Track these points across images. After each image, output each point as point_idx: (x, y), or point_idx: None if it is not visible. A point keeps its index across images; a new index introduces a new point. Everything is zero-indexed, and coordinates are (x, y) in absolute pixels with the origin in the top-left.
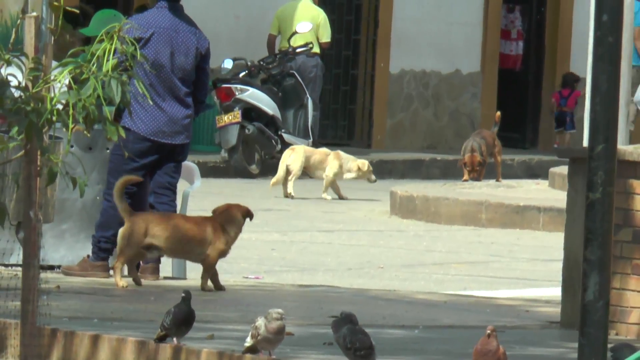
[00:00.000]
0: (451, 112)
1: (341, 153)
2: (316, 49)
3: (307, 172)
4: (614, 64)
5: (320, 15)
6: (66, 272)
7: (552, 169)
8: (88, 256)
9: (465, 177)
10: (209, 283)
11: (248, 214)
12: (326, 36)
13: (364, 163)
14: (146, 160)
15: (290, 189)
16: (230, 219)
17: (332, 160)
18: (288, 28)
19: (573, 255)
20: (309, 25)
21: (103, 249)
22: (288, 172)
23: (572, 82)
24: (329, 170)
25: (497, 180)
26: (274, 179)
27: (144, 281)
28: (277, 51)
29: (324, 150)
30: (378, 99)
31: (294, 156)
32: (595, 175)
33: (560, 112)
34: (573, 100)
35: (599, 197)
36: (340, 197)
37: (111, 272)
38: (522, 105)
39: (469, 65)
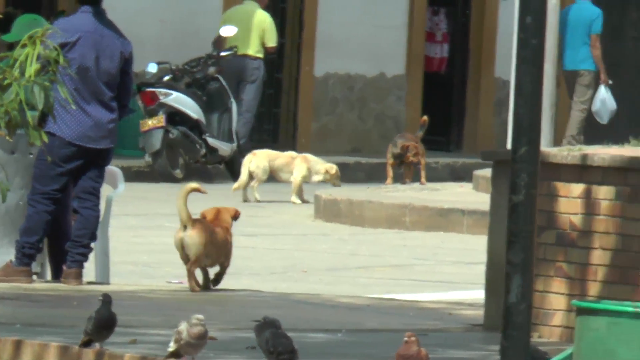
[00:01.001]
0: (376, 115)
1: (309, 156)
2: (260, 54)
3: (273, 175)
4: (537, 66)
5: (267, 19)
6: None
7: (476, 172)
8: (11, 261)
9: (389, 180)
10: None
11: (236, 214)
12: (272, 40)
13: (332, 167)
14: (71, 165)
15: (255, 194)
16: (224, 221)
17: (300, 163)
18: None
19: (496, 258)
20: (234, 29)
21: (27, 255)
22: (251, 177)
23: None
24: (297, 174)
25: (421, 183)
26: (235, 184)
27: (66, 286)
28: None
29: (289, 153)
30: (303, 103)
31: (255, 161)
32: (518, 177)
33: None
34: None
35: (522, 199)
36: (303, 201)
37: (34, 277)
38: (447, 108)
39: (394, 68)
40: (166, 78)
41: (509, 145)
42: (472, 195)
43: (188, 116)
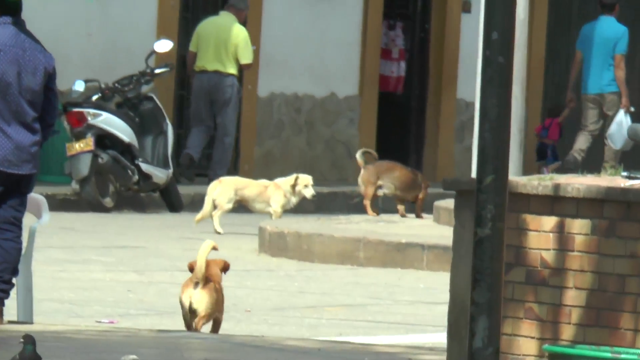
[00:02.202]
0: (326, 140)
1: (279, 182)
2: (233, 70)
3: (245, 205)
4: (504, 86)
5: (240, 34)
6: None
7: (437, 203)
8: None
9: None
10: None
11: (225, 267)
12: (246, 57)
13: (292, 178)
14: None
15: (216, 224)
16: (215, 275)
17: (275, 191)
18: (205, 45)
19: (460, 298)
20: (169, 44)
21: None
22: (214, 206)
23: (557, 112)
24: (276, 205)
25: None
26: (199, 215)
27: None
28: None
29: (261, 182)
30: (245, 125)
31: (220, 189)
32: (484, 209)
33: (541, 143)
34: (555, 130)
35: (488, 233)
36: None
37: None
38: (405, 133)
39: (346, 88)
40: (95, 97)
41: (473, 174)
42: (432, 229)
43: (119, 139)
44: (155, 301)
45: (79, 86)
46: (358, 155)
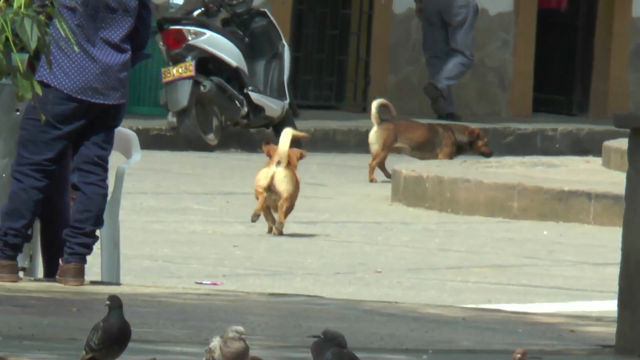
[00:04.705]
0: (474, 65)
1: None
2: None
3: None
4: None
5: None
6: None
7: (607, 143)
8: None
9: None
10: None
11: (301, 156)
12: None
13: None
14: (71, 126)
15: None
16: (292, 163)
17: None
18: None
19: (634, 258)
20: None
21: (11, 245)
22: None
23: None
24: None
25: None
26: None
27: (64, 286)
28: None
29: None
30: (377, 48)
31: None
32: None
33: None
34: None
35: None
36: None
37: (21, 274)
38: (569, 58)
39: (499, 3)
40: (196, 12)
41: None
42: (601, 174)
43: (225, 63)
44: (266, 258)
45: None
46: (374, 108)
